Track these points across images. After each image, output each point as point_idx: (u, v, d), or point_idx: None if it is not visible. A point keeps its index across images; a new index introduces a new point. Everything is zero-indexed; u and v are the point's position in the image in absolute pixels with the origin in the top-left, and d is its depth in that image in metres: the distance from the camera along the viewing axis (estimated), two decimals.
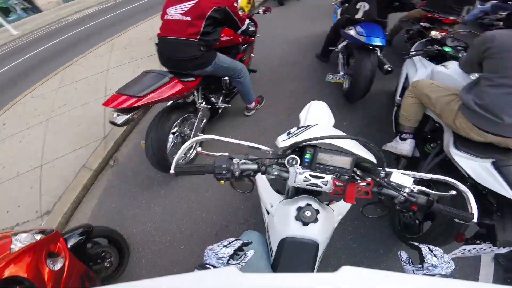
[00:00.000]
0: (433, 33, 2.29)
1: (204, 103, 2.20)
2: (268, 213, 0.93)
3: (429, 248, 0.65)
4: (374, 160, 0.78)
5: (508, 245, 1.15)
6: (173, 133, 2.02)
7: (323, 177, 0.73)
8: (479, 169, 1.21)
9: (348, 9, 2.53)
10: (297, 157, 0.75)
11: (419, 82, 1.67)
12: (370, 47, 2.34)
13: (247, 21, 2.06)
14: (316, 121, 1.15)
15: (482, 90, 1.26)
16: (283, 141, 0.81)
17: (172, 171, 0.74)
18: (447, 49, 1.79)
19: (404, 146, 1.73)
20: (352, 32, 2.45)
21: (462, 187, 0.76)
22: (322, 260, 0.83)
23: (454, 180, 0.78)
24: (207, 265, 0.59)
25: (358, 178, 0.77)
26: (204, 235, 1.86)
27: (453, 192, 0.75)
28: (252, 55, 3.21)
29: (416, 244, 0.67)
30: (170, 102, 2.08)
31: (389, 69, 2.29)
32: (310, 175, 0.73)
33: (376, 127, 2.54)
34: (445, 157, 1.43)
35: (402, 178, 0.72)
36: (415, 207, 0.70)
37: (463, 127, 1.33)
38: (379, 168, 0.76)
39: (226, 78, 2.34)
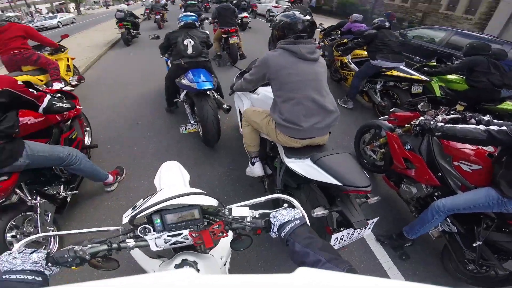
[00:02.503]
0: None
1: (38, 198, 1.84)
2: None
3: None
4: (215, 203, 0.83)
5: (362, 225, 1.37)
6: (13, 236, 1.73)
7: (182, 233, 0.78)
8: (305, 167, 1.45)
9: (178, 51, 2.69)
10: (148, 226, 0.78)
11: (246, 112, 1.92)
12: (207, 92, 2.56)
13: (48, 96, 1.78)
14: (169, 183, 1.21)
15: (280, 107, 1.53)
16: (126, 217, 0.83)
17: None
18: None
19: (256, 170, 1.99)
20: (185, 81, 2.59)
21: (285, 197, 0.89)
22: None
23: (280, 195, 0.90)
24: (20, 271, 0.59)
25: (211, 222, 0.82)
26: None
27: (285, 205, 0.83)
28: (88, 128, 2.79)
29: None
30: None
31: (228, 107, 2.56)
32: (168, 235, 0.78)
33: (242, 163, 2.72)
34: (287, 167, 1.64)
35: (240, 210, 0.82)
36: (259, 231, 0.79)
37: (284, 140, 1.58)
38: (220, 208, 0.83)
39: None
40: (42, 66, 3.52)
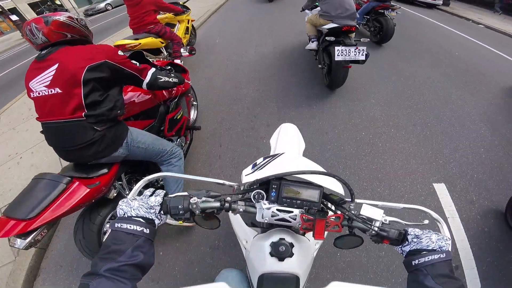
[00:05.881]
0: None
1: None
2: (245, 248, 0.90)
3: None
4: (342, 192, 0.76)
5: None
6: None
7: (292, 211, 0.70)
8: (326, 26, 3.08)
9: None
10: (263, 192, 0.71)
11: (308, 16, 3.68)
12: None
13: (152, 69, 1.52)
14: (286, 147, 1.16)
15: (321, 7, 3.23)
16: (247, 176, 0.78)
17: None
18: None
19: (312, 45, 3.61)
20: None
21: (434, 215, 0.77)
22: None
23: (427, 209, 0.78)
24: (133, 218, 0.60)
25: (327, 211, 0.73)
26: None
27: (426, 222, 0.72)
28: (195, 103, 2.79)
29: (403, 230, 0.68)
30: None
31: None
32: (277, 209, 0.70)
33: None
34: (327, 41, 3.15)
35: (372, 211, 0.70)
36: (387, 241, 0.68)
37: (320, 21, 3.23)
38: (348, 200, 0.73)
39: None
40: (167, 39, 3.60)
